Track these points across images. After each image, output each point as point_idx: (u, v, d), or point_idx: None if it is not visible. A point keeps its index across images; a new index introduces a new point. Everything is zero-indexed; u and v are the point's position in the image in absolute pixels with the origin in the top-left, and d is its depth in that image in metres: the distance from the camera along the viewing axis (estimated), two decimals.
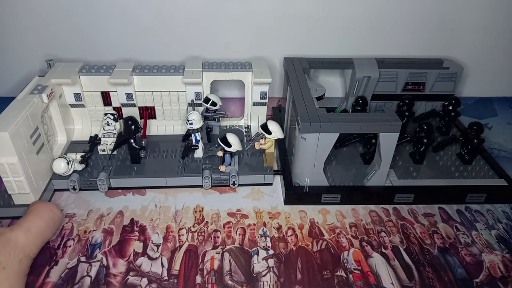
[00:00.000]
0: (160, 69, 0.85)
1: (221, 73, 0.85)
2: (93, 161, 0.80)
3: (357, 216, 0.75)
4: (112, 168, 0.79)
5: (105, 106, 0.87)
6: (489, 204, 0.78)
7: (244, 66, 0.86)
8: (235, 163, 0.80)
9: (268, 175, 0.80)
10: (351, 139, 0.87)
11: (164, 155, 0.83)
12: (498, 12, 1.01)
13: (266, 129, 0.78)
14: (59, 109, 0.81)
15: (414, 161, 0.84)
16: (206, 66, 0.86)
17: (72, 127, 0.88)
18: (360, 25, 1.01)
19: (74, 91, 0.84)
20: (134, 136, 0.78)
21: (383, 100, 0.98)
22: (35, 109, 0.71)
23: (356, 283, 0.63)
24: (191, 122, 0.78)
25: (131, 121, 0.78)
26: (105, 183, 0.76)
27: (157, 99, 0.87)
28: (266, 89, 0.86)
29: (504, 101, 1.13)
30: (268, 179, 0.80)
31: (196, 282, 0.62)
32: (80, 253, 0.66)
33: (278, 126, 0.78)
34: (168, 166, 0.80)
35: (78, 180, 0.76)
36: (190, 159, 0.82)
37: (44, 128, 0.76)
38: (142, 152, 0.80)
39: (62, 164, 0.74)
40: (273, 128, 0.78)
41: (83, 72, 0.83)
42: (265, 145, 0.80)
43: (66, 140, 0.84)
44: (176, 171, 0.79)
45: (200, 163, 0.81)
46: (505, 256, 0.68)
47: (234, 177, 0.78)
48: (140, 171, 0.79)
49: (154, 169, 0.79)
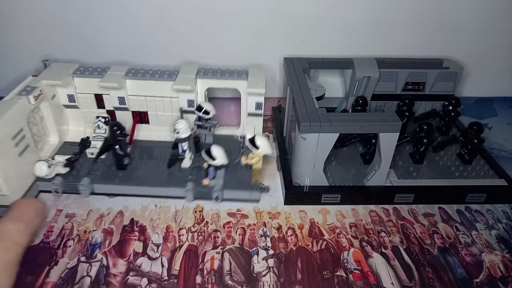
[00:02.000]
0: (153, 74, 0.83)
1: (216, 81, 0.83)
2: (80, 165, 0.79)
3: (357, 216, 0.75)
4: (97, 173, 0.78)
5: (99, 109, 0.86)
6: (489, 204, 0.78)
7: (241, 75, 0.83)
8: (220, 177, 0.76)
9: (254, 192, 0.75)
10: (351, 139, 0.87)
11: (152, 162, 0.81)
12: (498, 12, 1.01)
13: (253, 144, 0.74)
14: (51, 110, 0.80)
15: (414, 161, 0.84)
16: (201, 72, 0.84)
17: (66, 128, 0.87)
18: (360, 25, 1.01)
19: (67, 92, 0.84)
20: (119, 142, 0.77)
21: (383, 100, 0.98)
22: (20, 111, 0.71)
23: (356, 283, 0.63)
24: (177, 131, 0.76)
25: (116, 126, 0.76)
26: (87, 188, 0.75)
27: (150, 104, 0.85)
28: (261, 100, 0.82)
29: (504, 101, 1.13)
30: (255, 196, 0.76)
31: (196, 282, 0.62)
32: (80, 253, 0.66)
33: (267, 141, 0.75)
34: (154, 174, 0.78)
35: (61, 184, 0.75)
36: (177, 168, 0.79)
37: (34, 129, 0.76)
38: (125, 159, 0.78)
39: (43, 168, 0.74)
40: (260, 143, 0.74)
41: (77, 74, 0.83)
42: (252, 161, 0.76)
43: (58, 140, 0.83)
44: (161, 181, 0.77)
45: (187, 174, 0.78)
46: (505, 256, 0.68)
47: (217, 192, 0.74)
48: (124, 178, 0.77)
49: (140, 176, 0.78)
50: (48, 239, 0.68)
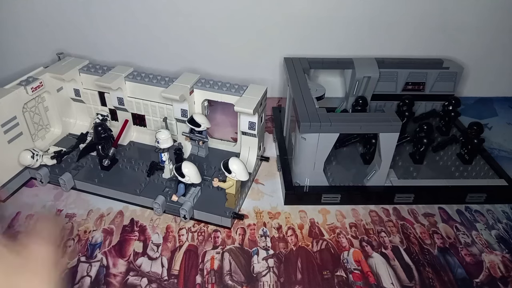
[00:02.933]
0: (152, 78, 0.81)
1: (213, 93, 0.79)
2: (70, 158, 0.81)
3: (357, 216, 0.75)
4: (80, 170, 0.79)
5: (103, 106, 0.87)
6: (489, 204, 0.78)
7: (238, 90, 0.77)
8: (192, 195, 0.72)
9: (225, 219, 0.70)
10: (351, 139, 0.87)
11: (138, 167, 0.80)
12: (498, 12, 1.01)
13: (226, 168, 0.68)
14: (56, 101, 0.82)
15: (414, 161, 0.84)
16: (199, 83, 0.79)
17: (73, 121, 0.89)
18: (360, 25, 1.01)
19: (74, 87, 0.85)
20: (102, 143, 0.77)
21: (383, 100, 0.98)
22: (16, 99, 0.73)
23: (356, 283, 0.63)
24: (157, 141, 0.74)
25: (101, 127, 0.77)
26: (66, 183, 0.76)
27: (146, 108, 0.84)
28: (254, 120, 0.75)
29: (504, 101, 1.13)
30: (225, 222, 0.71)
31: (196, 282, 0.62)
32: (80, 253, 0.66)
33: (243, 165, 0.68)
34: (133, 180, 0.77)
35: (45, 175, 0.77)
36: (158, 178, 0.78)
37: (36, 118, 0.77)
38: (105, 160, 0.78)
39: (27, 157, 0.76)
40: (235, 168, 0.67)
41: (84, 70, 0.84)
42: (224, 184, 0.69)
43: (61, 131, 0.85)
44: (136, 188, 0.75)
45: (164, 185, 0.76)
46: (505, 256, 0.68)
47: (184, 211, 0.70)
48: (104, 179, 0.77)
49: (118, 180, 0.77)
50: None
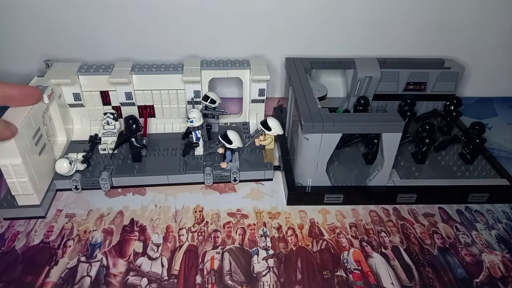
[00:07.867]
0: (159, 68, 0.85)
1: (219, 71, 0.86)
2: (94, 161, 0.81)
3: (357, 216, 0.75)
4: (113, 167, 0.79)
5: (104, 106, 0.87)
6: (489, 204, 0.78)
7: (242, 64, 0.87)
8: (235, 159, 0.81)
9: (268, 171, 0.81)
10: (353, 139, 0.87)
11: (165, 153, 0.84)
12: (498, 12, 1.00)
13: (266, 126, 0.79)
14: (58, 109, 0.81)
15: (416, 161, 0.84)
16: (204, 64, 0.87)
17: (71, 127, 0.88)
18: (361, 25, 1.00)
19: (73, 91, 0.84)
20: (135, 135, 0.79)
21: (384, 100, 0.98)
22: (37, 110, 0.71)
23: (356, 283, 0.62)
24: (191, 120, 0.79)
25: (132, 120, 0.78)
26: (107, 182, 0.76)
27: (156, 97, 0.87)
28: (264, 86, 0.87)
29: (504, 101, 1.13)
30: (268, 175, 0.81)
31: (196, 282, 0.62)
32: (80, 253, 0.66)
33: (278, 122, 0.79)
34: (169, 164, 0.81)
35: (81, 180, 0.76)
36: (190, 156, 0.83)
37: (45, 129, 0.76)
38: (143, 150, 0.80)
39: (65, 164, 0.74)
40: (272, 125, 0.79)
41: (82, 72, 0.83)
42: (265, 141, 0.81)
43: (66, 140, 0.84)
44: (178, 169, 0.79)
45: (201, 161, 0.82)
46: (505, 256, 0.68)
47: (235, 173, 0.79)
48: (141, 169, 0.79)
49: (155, 167, 0.80)
50: (48, 239, 0.68)
